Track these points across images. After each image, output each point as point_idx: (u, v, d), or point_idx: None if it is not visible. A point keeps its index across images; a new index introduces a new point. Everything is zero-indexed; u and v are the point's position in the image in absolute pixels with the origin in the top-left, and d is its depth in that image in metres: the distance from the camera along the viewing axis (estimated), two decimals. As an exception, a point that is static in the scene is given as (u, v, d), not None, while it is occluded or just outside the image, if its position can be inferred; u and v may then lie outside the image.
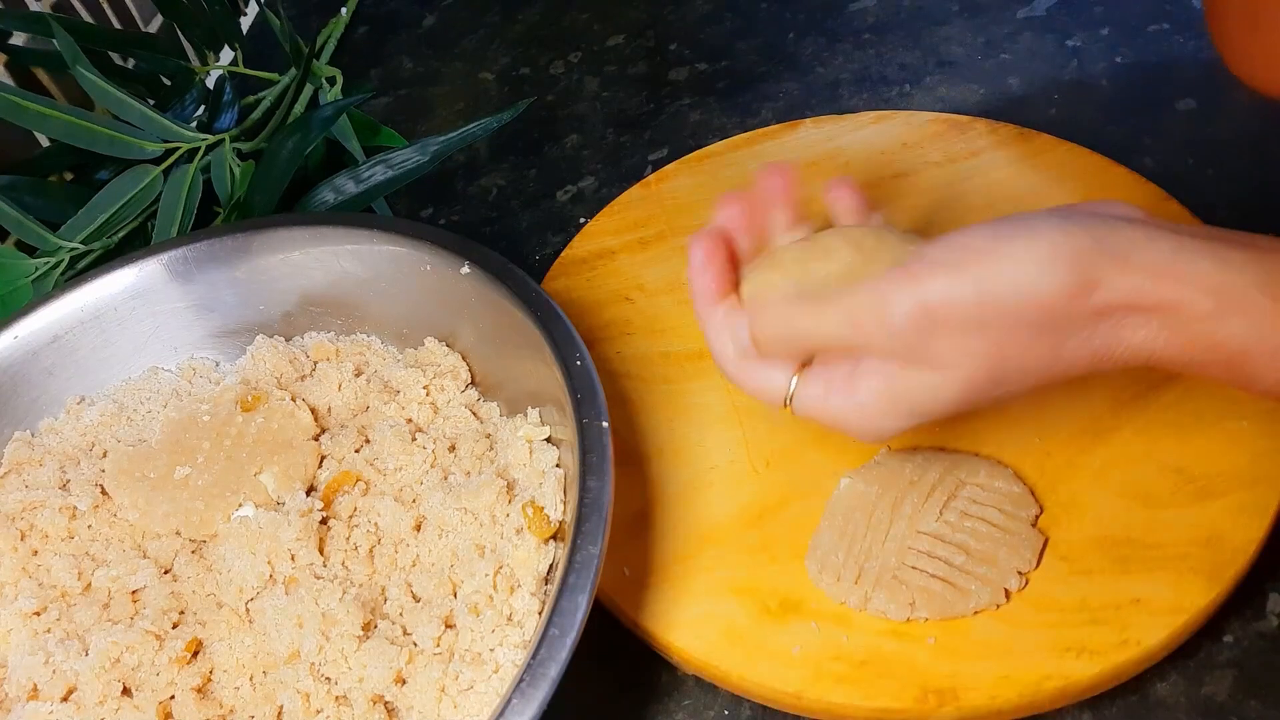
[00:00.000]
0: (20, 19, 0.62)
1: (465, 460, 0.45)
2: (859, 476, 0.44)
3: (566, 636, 0.34)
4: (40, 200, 0.59)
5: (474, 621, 0.39)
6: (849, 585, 0.41)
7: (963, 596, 0.40)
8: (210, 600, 0.42)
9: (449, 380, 0.48)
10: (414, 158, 0.58)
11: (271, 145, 0.58)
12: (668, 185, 0.60)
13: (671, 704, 0.43)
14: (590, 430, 0.39)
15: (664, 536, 0.45)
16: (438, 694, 0.38)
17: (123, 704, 0.39)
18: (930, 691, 0.38)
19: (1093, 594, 0.40)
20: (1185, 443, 0.43)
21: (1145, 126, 0.59)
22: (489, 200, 0.67)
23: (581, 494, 0.38)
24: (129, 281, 0.50)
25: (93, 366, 0.50)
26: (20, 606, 0.42)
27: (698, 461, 0.47)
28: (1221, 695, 0.40)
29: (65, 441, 0.48)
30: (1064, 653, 0.38)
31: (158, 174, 0.60)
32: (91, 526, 0.45)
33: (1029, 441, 0.45)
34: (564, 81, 0.73)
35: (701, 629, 0.42)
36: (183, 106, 0.67)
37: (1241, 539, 0.40)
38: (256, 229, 0.50)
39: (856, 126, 0.60)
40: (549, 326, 0.43)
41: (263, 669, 0.40)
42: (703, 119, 0.68)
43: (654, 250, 0.57)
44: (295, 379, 0.50)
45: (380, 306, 0.50)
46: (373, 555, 0.43)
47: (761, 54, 0.71)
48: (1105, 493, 0.43)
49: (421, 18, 0.82)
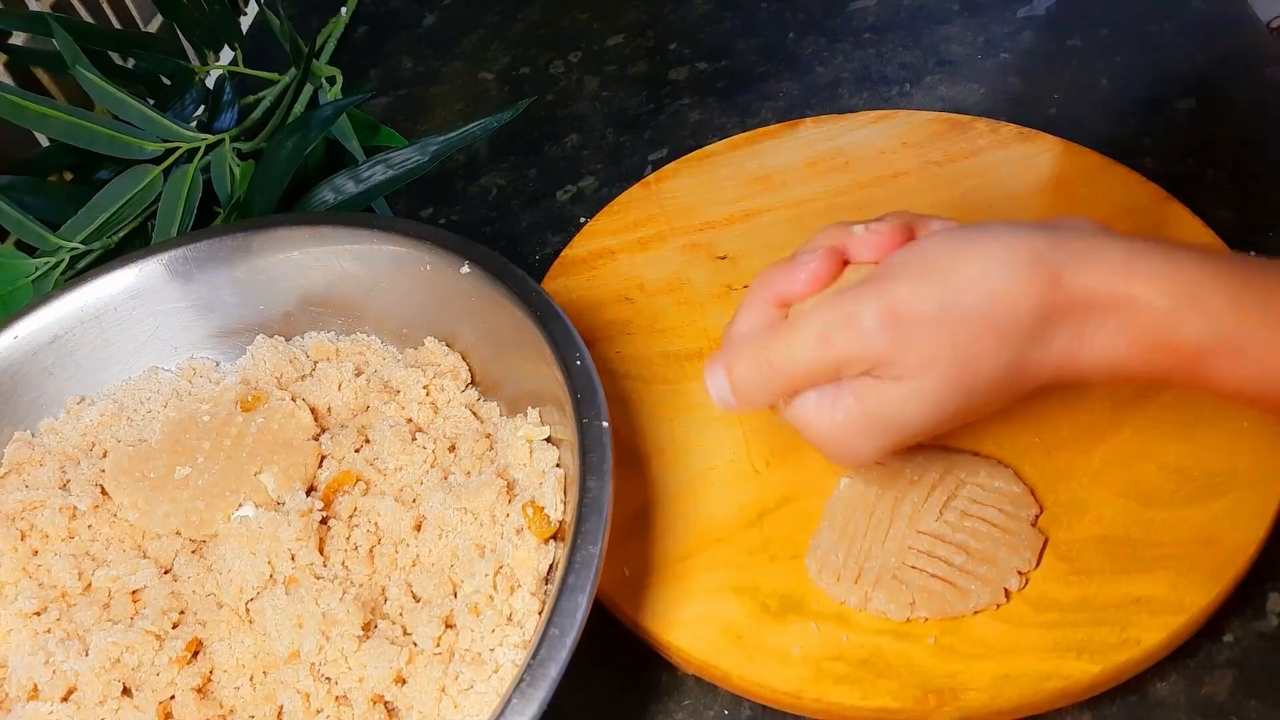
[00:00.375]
0: (20, 19, 0.62)
1: (465, 460, 0.45)
2: (859, 476, 0.44)
3: (566, 636, 0.34)
4: (40, 200, 0.59)
5: (474, 621, 0.39)
6: (849, 585, 0.41)
7: (963, 596, 0.40)
8: (210, 600, 0.42)
9: (449, 380, 0.48)
10: (414, 158, 0.58)
11: (271, 145, 0.58)
12: (668, 185, 0.60)
13: (671, 704, 0.43)
14: (590, 430, 0.39)
15: (664, 536, 0.45)
16: (438, 694, 0.38)
17: (123, 704, 0.39)
18: (930, 691, 0.38)
19: (1093, 594, 0.40)
20: (1185, 443, 0.43)
21: (1145, 126, 0.59)
22: (489, 200, 0.67)
23: (581, 494, 0.38)
24: (129, 281, 0.50)
25: (93, 366, 0.50)
26: (20, 606, 0.42)
27: (698, 461, 0.47)
28: (1221, 695, 0.40)
29: (65, 441, 0.48)
30: (1064, 652, 0.38)
31: (158, 174, 0.60)
32: (91, 526, 0.45)
33: (1029, 441, 0.45)
34: (564, 81, 0.73)
35: (701, 629, 0.42)
36: (183, 106, 0.67)
37: (1241, 539, 0.40)
38: (256, 229, 0.50)
39: (856, 126, 0.60)
40: (549, 326, 0.43)
41: (263, 669, 0.40)
42: (703, 119, 0.68)
43: (654, 250, 0.57)
44: (295, 379, 0.50)
45: (380, 306, 0.50)
46: (373, 555, 0.43)
47: (761, 54, 0.71)
48: (1105, 493, 0.43)
49: (421, 17, 0.82)
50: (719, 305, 0.54)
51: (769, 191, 0.58)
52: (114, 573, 0.43)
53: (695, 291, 0.55)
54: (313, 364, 0.50)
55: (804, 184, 0.58)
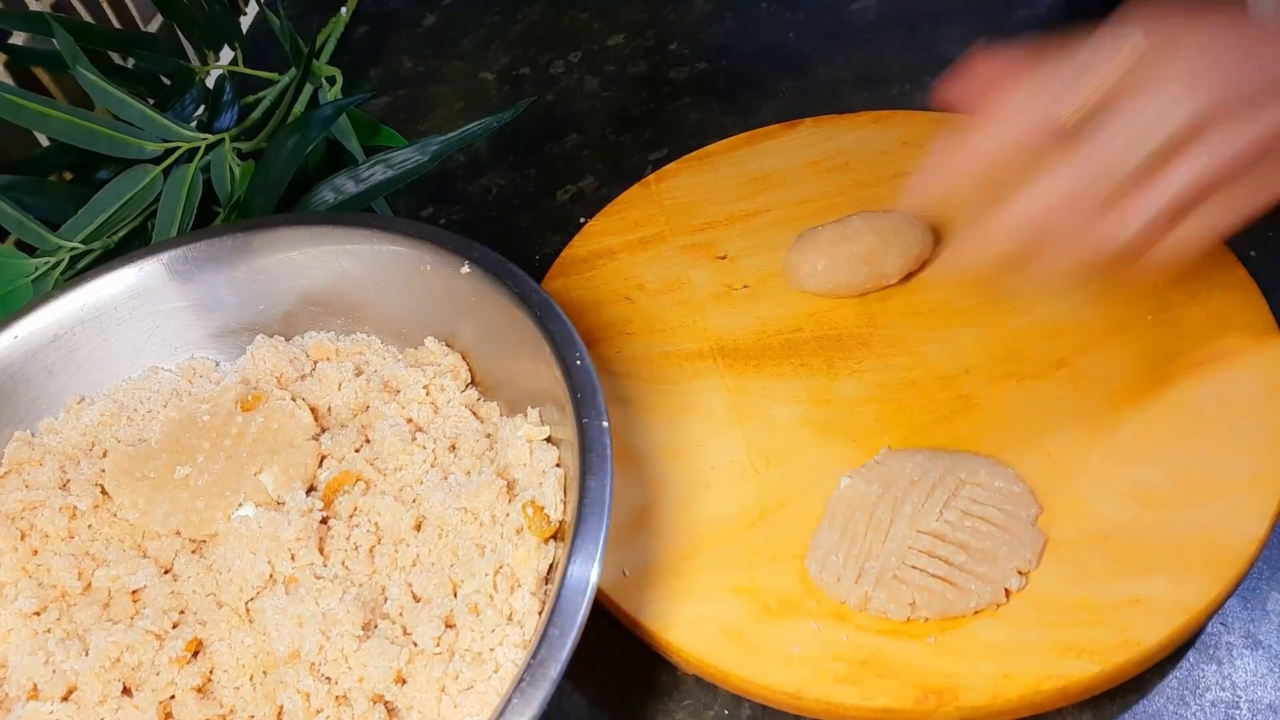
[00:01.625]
0: (20, 19, 0.62)
1: (465, 460, 0.45)
2: (859, 476, 0.44)
3: (566, 636, 0.34)
4: (40, 200, 0.59)
5: (474, 621, 0.39)
6: (849, 585, 0.41)
7: (963, 596, 0.40)
8: (210, 600, 0.42)
9: (449, 380, 0.48)
10: (414, 157, 0.58)
11: (271, 145, 0.58)
12: (668, 185, 0.60)
13: (671, 704, 0.43)
14: (590, 430, 0.39)
15: (664, 536, 0.45)
16: (438, 693, 0.38)
17: (123, 704, 0.39)
18: (930, 691, 0.38)
19: (1093, 594, 0.40)
20: (1185, 442, 0.43)
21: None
22: (489, 200, 0.67)
23: (581, 494, 0.38)
24: (129, 281, 0.50)
25: (93, 366, 0.50)
26: (20, 606, 0.42)
27: (698, 461, 0.47)
28: (1223, 695, 0.40)
29: (65, 441, 0.48)
30: (1064, 652, 0.38)
31: (157, 174, 0.60)
32: (91, 526, 0.45)
33: (1029, 441, 0.45)
34: (564, 81, 0.73)
35: (701, 629, 0.42)
36: (183, 106, 0.67)
37: (1241, 539, 0.40)
38: (256, 229, 0.50)
39: (856, 126, 0.60)
40: (549, 326, 0.43)
41: (263, 669, 0.40)
42: (703, 119, 0.68)
43: (654, 250, 0.57)
44: (295, 379, 0.50)
45: (380, 306, 0.50)
46: (373, 555, 0.43)
47: (761, 54, 0.71)
48: (1105, 493, 0.43)
49: (421, 17, 0.82)
50: (719, 305, 0.54)
51: (769, 191, 0.58)
52: (114, 572, 0.43)
53: (695, 291, 0.55)
54: (313, 364, 0.50)
55: (804, 184, 0.58)
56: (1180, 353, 0.46)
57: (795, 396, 0.49)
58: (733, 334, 0.52)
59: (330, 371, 0.49)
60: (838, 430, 0.47)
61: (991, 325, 0.50)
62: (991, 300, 0.50)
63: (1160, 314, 0.48)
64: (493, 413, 0.47)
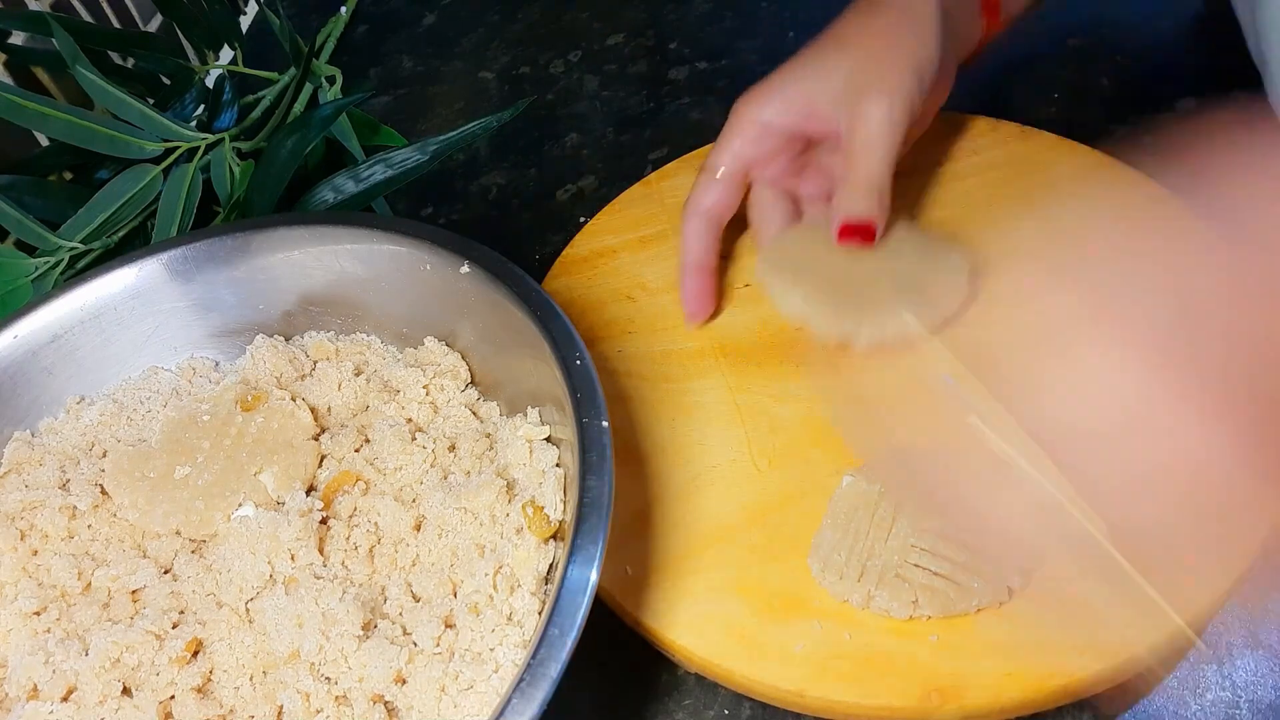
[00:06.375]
0: (20, 19, 0.62)
1: (465, 460, 0.45)
2: (861, 474, 0.44)
3: (566, 636, 0.34)
4: (40, 200, 0.59)
5: (474, 621, 0.39)
6: (851, 583, 0.41)
7: (965, 595, 0.40)
8: (210, 600, 0.42)
9: (449, 380, 0.48)
10: (414, 157, 0.58)
11: (271, 145, 0.58)
12: (668, 184, 0.60)
13: (672, 703, 0.43)
14: (590, 429, 0.39)
15: (665, 535, 0.45)
16: (438, 693, 0.38)
17: (123, 704, 0.39)
18: (933, 690, 0.38)
19: (1094, 592, 0.40)
20: (1187, 441, 0.43)
21: (1145, 127, 0.59)
22: (489, 199, 0.67)
23: (581, 493, 0.38)
24: (129, 281, 0.50)
25: (92, 366, 0.50)
26: (20, 606, 0.42)
27: (699, 460, 0.47)
28: (1223, 695, 0.40)
29: (65, 441, 0.48)
30: (1066, 651, 0.38)
31: (157, 173, 0.60)
32: (91, 526, 0.45)
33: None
34: (564, 81, 0.73)
35: (703, 628, 0.42)
36: (182, 106, 0.67)
37: (1243, 538, 0.40)
38: (256, 229, 0.50)
39: (857, 125, 0.60)
40: (549, 326, 0.43)
41: (263, 669, 0.40)
42: (703, 118, 0.68)
43: (655, 249, 0.57)
44: (295, 379, 0.50)
45: (380, 306, 0.50)
46: (373, 555, 0.43)
47: (761, 53, 0.71)
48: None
49: (421, 17, 0.82)
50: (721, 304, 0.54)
51: (769, 191, 0.58)
52: (114, 572, 0.43)
53: (696, 291, 0.55)
54: (312, 364, 0.50)
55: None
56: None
57: (797, 395, 0.49)
58: (734, 333, 0.52)
59: (330, 371, 0.49)
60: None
61: (992, 325, 0.49)
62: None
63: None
64: (492, 413, 0.47)
